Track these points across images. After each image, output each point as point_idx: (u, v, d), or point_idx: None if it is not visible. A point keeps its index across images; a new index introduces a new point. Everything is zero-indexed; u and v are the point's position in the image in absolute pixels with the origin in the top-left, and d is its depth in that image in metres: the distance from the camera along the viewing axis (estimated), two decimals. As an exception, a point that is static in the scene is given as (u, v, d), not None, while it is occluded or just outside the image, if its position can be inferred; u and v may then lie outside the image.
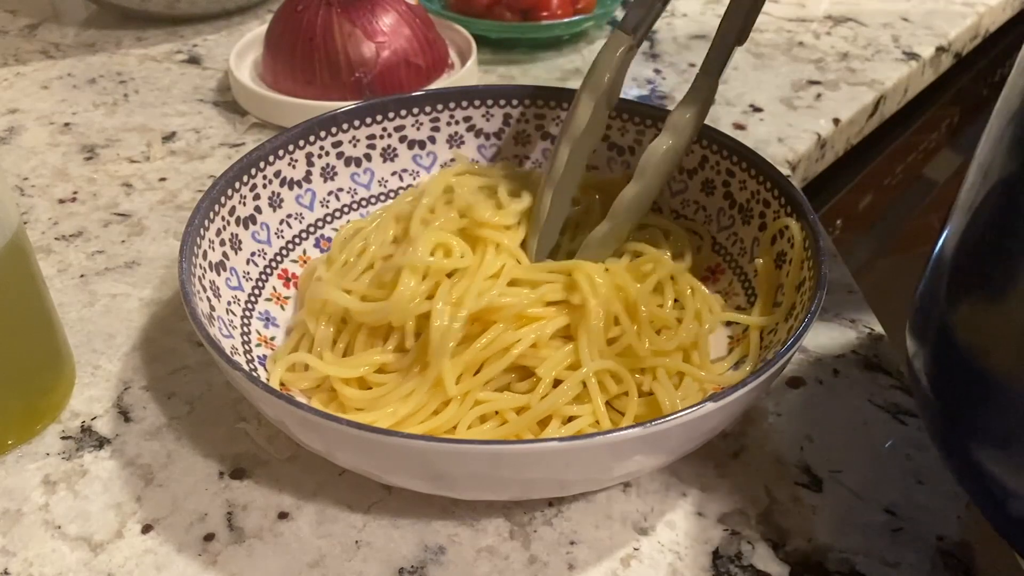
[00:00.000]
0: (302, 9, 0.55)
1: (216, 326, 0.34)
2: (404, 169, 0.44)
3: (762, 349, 0.36)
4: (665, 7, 0.39)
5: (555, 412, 0.33)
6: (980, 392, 0.27)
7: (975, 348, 0.27)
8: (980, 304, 0.27)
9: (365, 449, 0.29)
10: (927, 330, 0.29)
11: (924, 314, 0.30)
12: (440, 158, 0.45)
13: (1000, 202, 0.26)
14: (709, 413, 0.28)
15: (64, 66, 0.65)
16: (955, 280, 0.28)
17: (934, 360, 0.29)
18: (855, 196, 0.66)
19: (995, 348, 0.26)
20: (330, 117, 0.42)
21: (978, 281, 0.27)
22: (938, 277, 0.29)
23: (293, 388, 0.36)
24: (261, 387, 0.29)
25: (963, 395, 0.28)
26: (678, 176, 0.43)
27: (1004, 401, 0.26)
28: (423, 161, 0.45)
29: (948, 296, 0.28)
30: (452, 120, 0.45)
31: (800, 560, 0.32)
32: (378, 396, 0.34)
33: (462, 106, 0.45)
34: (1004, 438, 0.26)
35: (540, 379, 0.34)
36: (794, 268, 0.36)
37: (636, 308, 0.35)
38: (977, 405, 0.27)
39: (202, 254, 0.35)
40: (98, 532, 0.32)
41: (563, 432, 0.33)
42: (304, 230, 0.42)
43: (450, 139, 0.45)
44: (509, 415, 0.34)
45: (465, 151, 0.45)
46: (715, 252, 0.41)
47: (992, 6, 0.75)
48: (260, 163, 0.40)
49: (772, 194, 0.39)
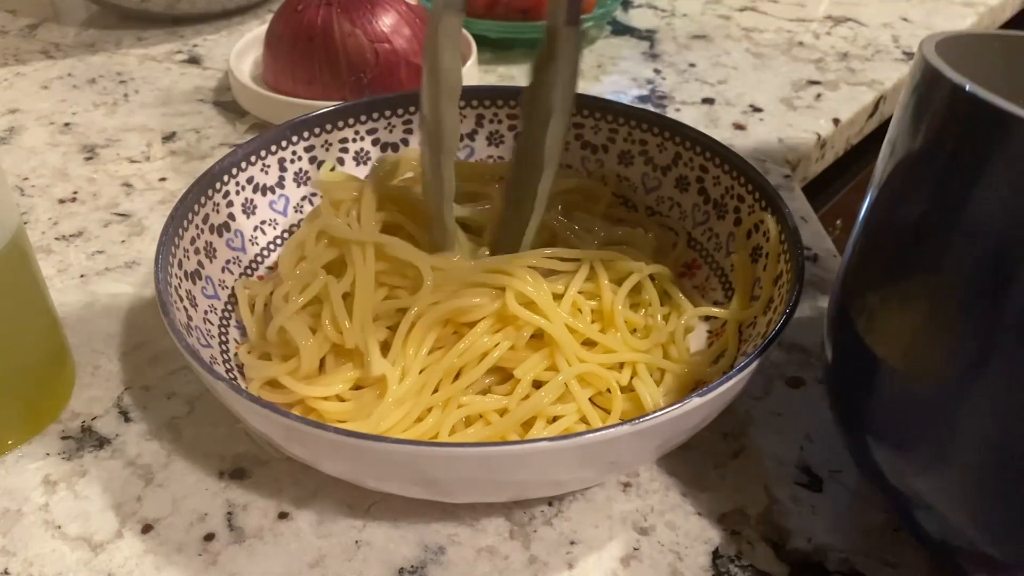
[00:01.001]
0: (302, 9, 0.55)
1: (194, 335, 0.33)
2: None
3: (742, 343, 0.36)
4: None
5: (539, 413, 0.33)
6: (876, 387, 0.27)
7: (870, 338, 0.27)
8: (875, 290, 0.28)
9: (351, 457, 0.28)
10: (838, 319, 0.30)
11: (836, 303, 0.30)
12: None
13: (899, 179, 0.26)
14: (695, 408, 0.28)
15: (64, 66, 0.65)
16: (855, 266, 0.29)
17: (838, 352, 0.30)
18: (855, 196, 0.66)
19: (888, 339, 0.27)
20: (301, 121, 0.42)
21: (875, 267, 0.28)
22: (848, 264, 0.30)
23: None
24: (245, 397, 0.28)
25: (863, 390, 0.28)
26: (652, 173, 0.43)
27: (896, 396, 0.27)
28: None
29: (850, 282, 0.29)
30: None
31: (800, 560, 0.32)
32: (359, 407, 0.34)
33: None
34: (902, 442, 0.27)
35: (519, 380, 0.34)
36: (771, 262, 0.36)
37: (612, 313, 0.36)
38: (873, 400, 0.28)
39: (177, 263, 0.35)
40: (98, 532, 0.32)
41: (548, 432, 0.33)
42: (279, 236, 0.41)
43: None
44: (492, 417, 0.34)
45: None
46: (691, 248, 0.41)
47: (992, 6, 0.76)
48: (232, 169, 0.39)
49: (746, 189, 0.39)
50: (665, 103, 0.60)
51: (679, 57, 0.66)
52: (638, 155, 0.43)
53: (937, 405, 0.25)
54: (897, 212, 0.26)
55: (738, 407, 0.37)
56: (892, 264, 0.27)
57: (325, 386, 0.34)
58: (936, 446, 0.25)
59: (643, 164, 0.43)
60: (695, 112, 0.59)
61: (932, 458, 0.26)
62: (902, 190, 0.26)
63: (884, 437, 0.28)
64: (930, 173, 0.25)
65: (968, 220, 0.23)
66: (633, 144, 0.43)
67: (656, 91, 0.61)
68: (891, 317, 0.27)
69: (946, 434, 0.25)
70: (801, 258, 0.34)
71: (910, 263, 0.25)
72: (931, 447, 0.26)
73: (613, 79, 0.63)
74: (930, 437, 0.26)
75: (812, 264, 0.45)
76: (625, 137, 0.43)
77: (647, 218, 0.43)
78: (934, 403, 0.25)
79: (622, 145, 0.43)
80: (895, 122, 0.27)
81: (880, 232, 0.28)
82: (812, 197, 0.54)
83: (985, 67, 0.29)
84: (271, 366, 0.35)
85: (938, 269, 0.24)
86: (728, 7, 0.75)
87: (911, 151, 0.26)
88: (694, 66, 0.65)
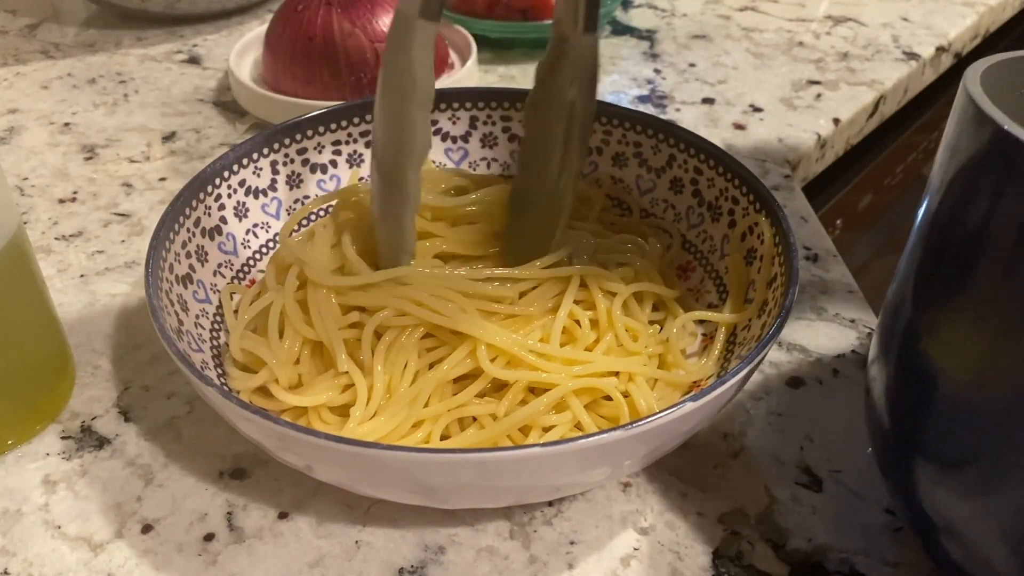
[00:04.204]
0: (302, 9, 0.55)
1: (185, 340, 0.33)
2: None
3: (736, 346, 0.36)
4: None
5: (533, 423, 0.33)
6: (938, 413, 0.26)
7: (938, 364, 0.26)
8: (942, 314, 0.26)
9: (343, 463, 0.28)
10: (891, 343, 0.29)
11: (888, 328, 0.29)
12: None
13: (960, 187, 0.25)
14: (689, 413, 0.28)
15: (64, 66, 0.65)
16: (920, 288, 0.28)
17: (895, 376, 0.29)
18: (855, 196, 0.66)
19: (958, 364, 0.26)
20: (294, 124, 0.41)
21: (941, 288, 0.26)
22: (903, 286, 0.29)
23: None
24: (235, 402, 0.28)
25: (920, 415, 0.27)
26: (646, 175, 0.43)
27: (960, 422, 0.26)
28: None
29: (913, 305, 0.28)
30: None
31: (800, 560, 0.32)
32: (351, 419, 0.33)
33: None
34: (956, 462, 0.26)
35: (511, 386, 0.33)
36: (765, 264, 0.36)
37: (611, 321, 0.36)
38: (932, 422, 0.27)
39: (168, 267, 0.35)
40: (98, 532, 0.32)
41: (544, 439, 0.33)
42: (271, 239, 0.41)
43: None
44: (486, 420, 0.33)
45: (432, 155, 0.45)
46: (685, 250, 0.41)
47: (992, 6, 0.75)
48: (224, 172, 0.39)
49: (740, 191, 0.39)
50: (665, 103, 0.60)
51: (679, 57, 0.66)
52: (632, 157, 0.43)
53: (1003, 423, 0.24)
54: (963, 222, 0.25)
55: (738, 407, 0.37)
56: (960, 278, 0.25)
57: (312, 395, 0.34)
58: (994, 468, 0.25)
59: (637, 166, 0.43)
60: (695, 112, 0.59)
61: (986, 481, 0.25)
62: (965, 198, 0.25)
63: (936, 456, 0.27)
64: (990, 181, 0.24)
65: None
66: (627, 146, 0.43)
67: (656, 91, 0.61)
68: (959, 332, 0.25)
69: (1010, 454, 0.24)
70: (795, 261, 0.34)
71: (981, 276, 0.24)
72: (990, 468, 0.25)
73: (613, 79, 0.63)
74: (992, 456, 0.25)
75: (812, 264, 0.45)
76: (619, 139, 0.43)
77: (641, 220, 0.43)
78: (1001, 420, 0.24)
79: (616, 147, 0.43)
80: (952, 135, 0.26)
81: (944, 244, 0.26)
82: (812, 197, 0.54)
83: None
84: (251, 377, 0.34)
85: (1012, 280, 0.23)
86: (728, 7, 0.75)
87: (970, 156, 0.25)
88: (694, 66, 0.65)
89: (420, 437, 0.33)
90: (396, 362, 0.34)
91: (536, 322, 0.35)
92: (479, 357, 0.33)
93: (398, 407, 0.33)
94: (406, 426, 0.33)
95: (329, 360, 0.34)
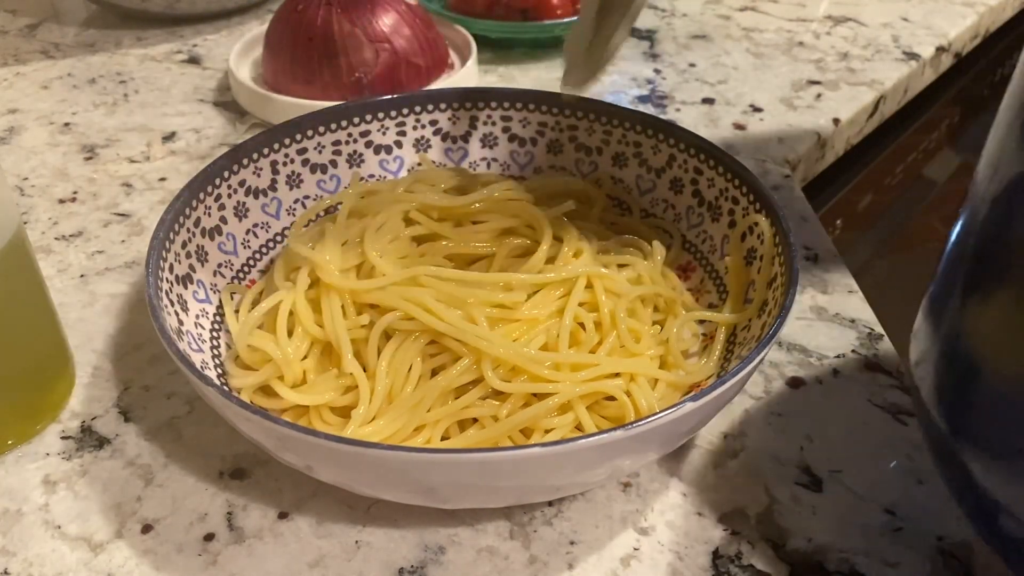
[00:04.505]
0: (302, 9, 0.55)
1: (185, 340, 0.33)
2: (371, 175, 0.44)
3: (736, 346, 0.36)
4: None
5: (535, 425, 0.33)
6: (987, 401, 0.26)
7: (986, 355, 0.26)
8: (993, 308, 0.27)
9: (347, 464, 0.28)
10: (936, 335, 0.29)
11: (934, 318, 0.29)
12: (407, 162, 0.45)
13: (1011, 198, 0.26)
14: (689, 413, 0.28)
15: (64, 66, 0.65)
16: (969, 282, 0.28)
17: (941, 366, 0.29)
18: (855, 196, 0.66)
19: (1008, 354, 0.26)
20: (294, 123, 0.41)
21: (992, 283, 0.26)
22: (949, 279, 0.29)
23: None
24: (235, 403, 0.28)
25: (968, 404, 0.27)
26: (646, 175, 0.43)
27: (1011, 410, 0.26)
28: (390, 166, 0.44)
29: (962, 299, 0.28)
30: (418, 124, 0.44)
31: (800, 560, 0.32)
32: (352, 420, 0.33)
33: (428, 110, 0.44)
34: (1010, 451, 0.26)
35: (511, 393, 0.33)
36: (765, 264, 0.36)
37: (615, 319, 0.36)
38: (983, 415, 0.27)
39: (168, 267, 0.35)
40: (98, 532, 0.32)
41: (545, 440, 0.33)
42: (271, 239, 0.41)
43: (416, 143, 0.45)
44: (487, 421, 0.33)
45: (432, 155, 0.45)
46: (685, 250, 0.41)
47: (992, 6, 0.75)
48: (224, 172, 0.39)
49: (740, 191, 0.39)
50: (665, 103, 0.60)
51: (679, 57, 0.66)
52: (632, 157, 0.43)
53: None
54: (1013, 224, 0.25)
55: (738, 407, 0.37)
56: (1008, 277, 0.25)
57: (316, 394, 0.34)
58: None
59: (637, 166, 0.43)
60: (695, 112, 0.59)
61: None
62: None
63: (989, 445, 0.27)
64: None
65: None
66: (627, 146, 0.43)
67: (656, 91, 0.61)
68: (1008, 328, 0.26)
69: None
70: (795, 260, 0.34)
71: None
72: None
73: (613, 79, 0.63)
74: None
75: (812, 264, 0.45)
76: (619, 139, 0.43)
77: (641, 221, 0.43)
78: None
79: (616, 147, 0.43)
80: (997, 142, 0.26)
81: (991, 247, 0.26)
82: (812, 197, 0.54)
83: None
84: (253, 374, 0.34)
85: None
86: (728, 7, 0.75)
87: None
88: (694, 66, 0.65)
89: (421, 441, 0.33)
90: (400, 365, 0.34)
91: (541, 325, 0.35)
92: (483, 369, 0.33)
93: (400, 411, 0.33)
94: (407, 430, 0.33)
95: (334, 360, 0.34)
